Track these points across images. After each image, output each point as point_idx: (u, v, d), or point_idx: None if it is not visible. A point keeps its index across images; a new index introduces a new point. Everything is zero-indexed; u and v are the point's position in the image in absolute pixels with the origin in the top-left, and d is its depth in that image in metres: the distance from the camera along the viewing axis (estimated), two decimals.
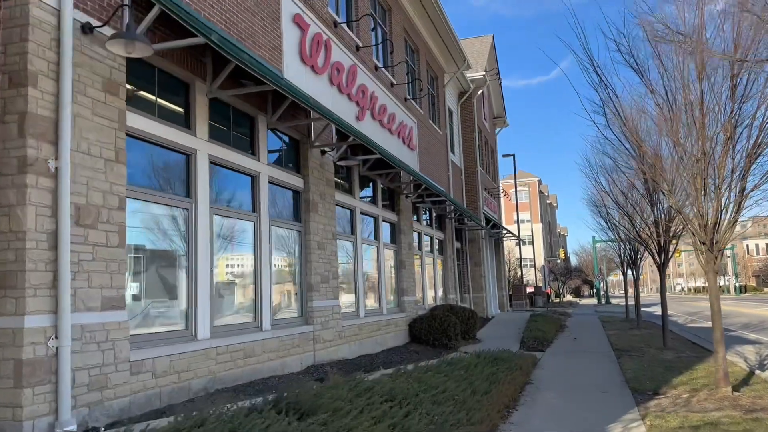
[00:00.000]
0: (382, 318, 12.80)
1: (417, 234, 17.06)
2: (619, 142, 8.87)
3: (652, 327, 20.32)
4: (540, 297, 41.19)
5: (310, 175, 9.79)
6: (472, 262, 24.48)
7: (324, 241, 10.10)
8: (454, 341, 14.27)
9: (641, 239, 13.35)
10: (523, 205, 76.97)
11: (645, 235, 13.51)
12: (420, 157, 16.92)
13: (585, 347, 14.48)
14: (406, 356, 12.22)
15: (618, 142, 8.85)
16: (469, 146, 25.21)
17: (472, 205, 24.82)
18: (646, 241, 13.35)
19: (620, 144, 9.11)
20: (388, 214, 14.25)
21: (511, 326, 19.98)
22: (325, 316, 9.85)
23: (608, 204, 14.02)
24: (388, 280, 14.18)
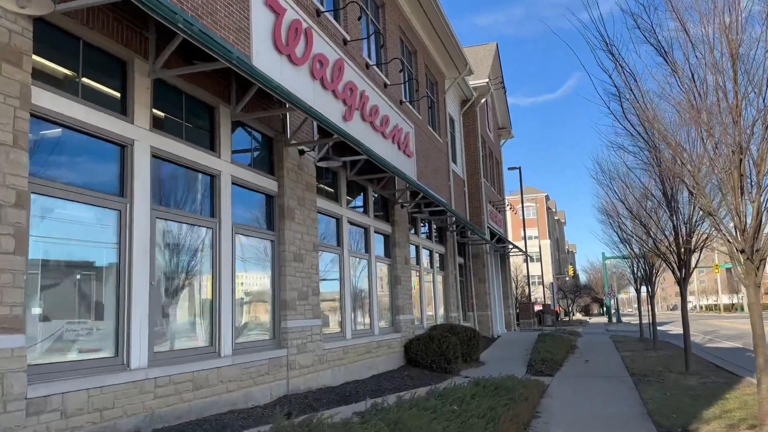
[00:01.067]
0: (373, 339, 11.55)
1: (415, 247, 15.85)
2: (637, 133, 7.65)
3: (669, 348, 18.91)
4: (549, 315, 39.73)
5: (285, 177, 8.65)
6: (476, 279, 23.20)
7: (302, 252, 8.92)
8: (453, 364, 12.99)
9: (659, 252, 12.08)
10: (531, 221, 75.63)
11: (663, 247, 12.25)
12: (418, 165, 15.77)
13: (598, 371, 13.15)
14: (399, 382, 10.95)
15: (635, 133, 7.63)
16: (472, 156, 24.07)
17: (476, 218, 23.60)
18: (664, 254, 12.07)
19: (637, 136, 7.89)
20: (381, 224, 13.07)
21: (518, 347, 18.63)
22: (302, 338, 8.63)
23: (621, 212, 12.79)
24: (381, 298, 12.95)
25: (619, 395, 9.61)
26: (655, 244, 12.13)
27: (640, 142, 8.60)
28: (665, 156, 7.74)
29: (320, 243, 9.96)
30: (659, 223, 12.12)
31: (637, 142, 8.95)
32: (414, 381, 11.32)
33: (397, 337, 12.88)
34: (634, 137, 8.47)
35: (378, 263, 12.76)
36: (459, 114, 23.59)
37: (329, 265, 10.52)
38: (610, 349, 18.73)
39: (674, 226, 11.75)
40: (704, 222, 11.54)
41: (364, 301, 11.95)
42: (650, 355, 16.33)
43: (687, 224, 11.72)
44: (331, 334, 10.16)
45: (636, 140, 8.83)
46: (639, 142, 8.67)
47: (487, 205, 24.92)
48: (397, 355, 12.74)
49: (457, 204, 20.97)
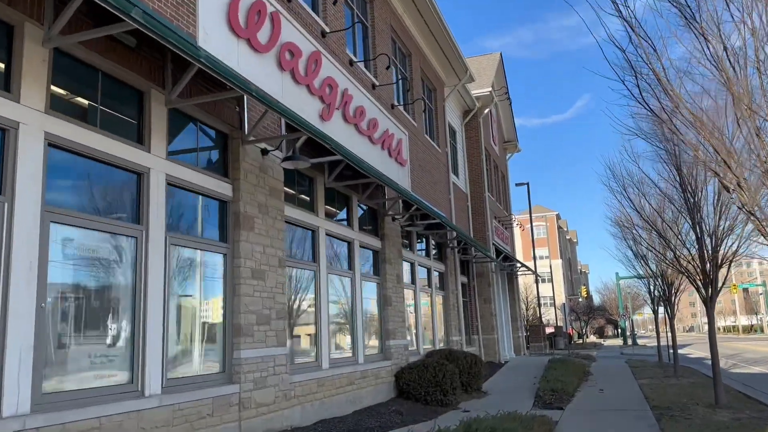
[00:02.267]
0: (357, 368, 10.16)
1: (409, 264, 14.50)
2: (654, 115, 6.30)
3: (692, 374, 17.27)
4: (561, 338, 37.95)
5: (242, 180, 7.39)
6: (480, 299, 21.73)
7: (264, 268, 7.62)
8: (451, 396, 11.53)
9: (681, 267, 10.65)
10: (541, 240, 73.95)
11: (685, 262, 10.82)
12: (412, 175, 14.50)
13: (614, 403, 11.63)
14: (385, 419, 9.53)
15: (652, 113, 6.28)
16: (476, 170, 22.78)
17: (480, 234, 22.22)
18: (687, 270, 10.64)
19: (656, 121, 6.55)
20: (369, 238, 11.75)
21: (526, 374, 17.10)
22: (261, 370, 7.28)
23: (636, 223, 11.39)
24: (367, 321, 11.58)
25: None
26: (677, 259, 10.70)
27: (658, 125, 7.22)
28: (690, 141, 6.37)
29: (290, 258, 8.66)
30: (680, 234, 10.73)
31: (655, 124, 7.58)
32: (403, 418, 9.89)
33: (386, 365, 11.48)
34: (651, 122, 7.12)
35: (364, 282, 11.42)
36: (461, 125, 22.37)
37: (303, 283, 9.21)
38: (626, 376, 17.13)
39: (698, 238, 10.34)
40: (732, 233, 10.14)
41: (346, 326, 10.58)
42: (671, 383, 14.74)
43: (712, 236, 10.32)
44: (303, 364, 8.80)
45: (654, 123, 7.47)
46: (657, 123, 7.30)
47: (492, 221, 23.55)
48: (387, 386, 11.32)
49: (458, 219, 19.64)
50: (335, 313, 10.21)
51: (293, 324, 8.88)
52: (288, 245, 8.76)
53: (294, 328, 8.87)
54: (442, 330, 16.77)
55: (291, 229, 8.92)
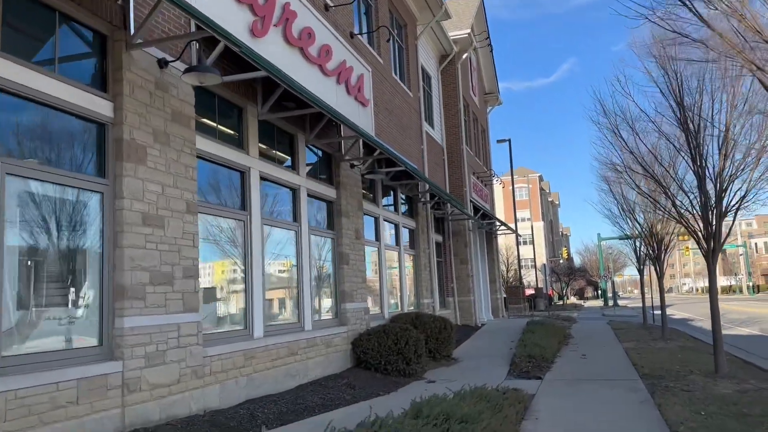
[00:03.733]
0: (302, 336, 8.65)
1: (373, 219, 12.92)
2: None
3: (680, 337, 16.12)
4: (541, 300, 37.05)
5: (127, 96, 5.65)
6: (456, 260, 20.31)
7: (163, 213, 5.96)
8: (414, 365, 10.12)
9: (680, 218, 9.19)
10: (523, 202, 73.00)
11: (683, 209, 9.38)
12: (377, 119, 12.79)
13: (598, 371, 10.32)
14: (333, 394, 8.08)
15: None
16: (453, 121, 21.07)
17: (457, 190, 20.66)
18: (686, 221, 9.19)
19: None
20: (321, 186, 10.11)
21: (503, 338, 15.81)
22: (157, 342, 5.70)
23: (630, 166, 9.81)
24: (319, 281, 10.04)
25: (633, 415, 6.75)
26: (675, 208, 9.23)
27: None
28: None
29: (205, 203, 7.00)
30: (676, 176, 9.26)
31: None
32: (354, 392, 8.44)
33: (341, 331, 9.99)
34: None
35: (314, 236, 9.82)
36: (437, 70, 20.54)
37: (229, 236, 7.57)
38: (610, 339, 15.93)
39: (700, 182, 8.86)
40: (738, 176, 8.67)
41: (288, 287, 9.02)
42: (659, 347, 13.53)
43: (716, 180, 8.84)
44: (227, 333, 7.23)
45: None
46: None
47: (471, 177, 21.99)
48: (341, 356, 9.85)
49: (432, 173, 18.02)
50: (274, 272, 8.63)
51: (215, 285, 7.28)
52: (204, 187, 7.09)
53: (216, 290, 7.28)
54: (412, 292, 15.34)
55: (209, 168, 7.23)
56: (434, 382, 9.79)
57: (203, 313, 6.74)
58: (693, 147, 8.91)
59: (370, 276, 12.36)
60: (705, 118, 8.50)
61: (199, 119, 7.01)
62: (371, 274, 12.53)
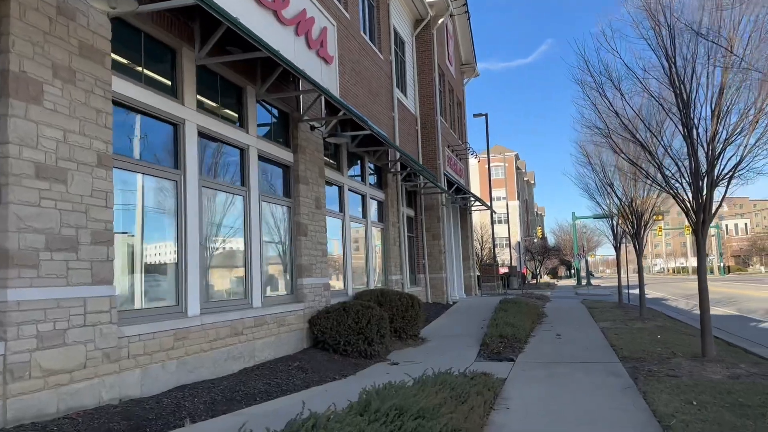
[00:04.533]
0: (248, 314, 7.70)
1: (337, 188, 11.95)
2: None
3: (657, 316, 15.59)
4: (515, 278, 36.64)
5: (13, 19, 4.56)
6: (429, 235, 19.49)
7: (65, 165, 4.92)
8: (377, 345, 9.28)
9: (669, 187, 8.41)
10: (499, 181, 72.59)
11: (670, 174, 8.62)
12: (343, 79, 11.74)
13: (574, 352, 9.61)
14: (280, 380, 7.18)
15: None
16: (428, 90, 20.06)
17: (430, 162, 19.75)
18: (675, 190, 8.42)
19: None
20: (275, 149, 9.08)
21: (475, 316, 15.09)
22: (53, 319, 4.70)
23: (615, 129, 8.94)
24: (271, 253, 9.08)
25: (615, 405, 5.98)
26: (663, 176, 8.44)
27: None
28: None
29: (123, 157, 5.94)
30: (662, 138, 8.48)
31: None
32: (306, 376, 7.56)
33: (297, 309, 9.07)
34: None
35: (266, 204, 8.82)
36: (411, 36, 19.44)
37: (158, 198, 6.54)
38: (585, 318, 15.33)
39: (690, 148, 8.07)
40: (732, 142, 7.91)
41: (234, 258, 8.03)
42: (637, 326, 12.92)
43: (709, 146, 8.07)
44: (153, 310, 6.24)
45: None
46: None
47: (445, 150, 21.07)
48: (296, 335, 8.95)
49: (405, 143, 17.06)
50: (216, 241, 7.63)
51: (139, 254, 6.27)
52: (125, 139, 6.03)
53: (141, 260, 6.26)
54: (380, 268, 14.47)
55: (132, 118, 6.15)
56: (398, 364, 8.97)
57: (120, 286, 5.75)
58: (683, 108, 8.10)
59: (332, 250, 11.43)
60: (698, 75, 7.68)
61: (119, 59, 5.92)
62: (334, 247, 11.60)
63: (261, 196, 8.52)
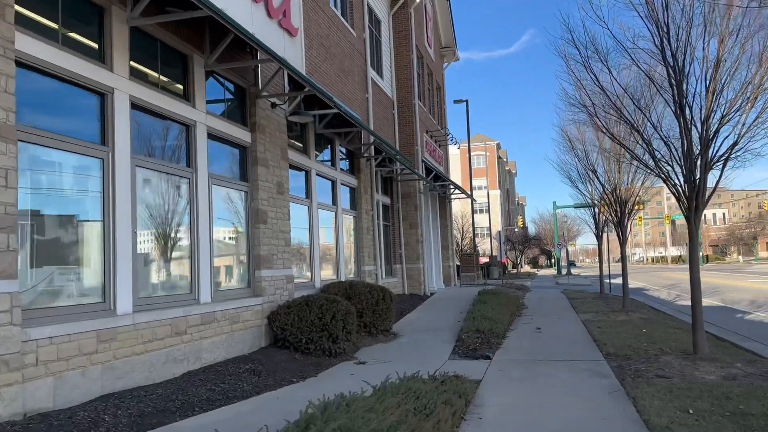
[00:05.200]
0: (194, 311, 6.86)
1: (304, 173, 11.11)
2: None
3: (640, 308, 15.04)
4: (496, 268, 36.12)
5: None
6: (405, 224, 18.73)
7: None
8: (343, 342, 8.52)
9: (660, 171, 7.72)
10: (481, 170, 72.14)
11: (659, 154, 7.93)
12: (309, 54, 10.86)
13: (555, 349, 8.93)
14: (231, 385, 6.38)
15: None
16: (405, 72, 19.21)
17: (408, 148, 18.94)
18: (666, 173, 7.74)
19: None
20: (227, 126, 8.21)
21: (452, 308, 14.40)
22: None
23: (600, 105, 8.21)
24: (225, 242, 8.24)
25: (603, 413, 5.28)
26: (652, 155, 7.74)
27: None
28: None
29: (37, 129, 5.05)
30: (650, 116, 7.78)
31: None
32: (259, 380, 6.76)
33: (254, 304, 8.25)
34: None
35: (219, 187, 7.95)
36: (388, 15, 18.55)
37: (77, 177, 5.65)
38: (566, 310, 14.72)
39: (683, 126, 7.38)
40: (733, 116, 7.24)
41: (177, 248, 7.17)
42: (621, 319, 12.32)
43: (704, 124, 7.39)
44: (72, 308, 5.37)
45: None
46: None
47: (423, 135, 20.28)
48: (253, 333, 8.14)
49: (380, 127, 16.23)
50: (155, 229, 6.76)
51: (57, 242, 5.39)
52: (36, 108, 5.13)
53: (57, 250, 5.39)
54: (352, 258, 13.68)
55: (47, 84, 5.25)
56: (365, 363, 8.22)
57: (29, 281, 4.89)
58: (676, 84, 7.40)
59: (297, 239, 10.61)
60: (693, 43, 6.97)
61: (29, 13, 5.01)
62: (299, 236, 10.78)
63: (211, 179, 7.66)
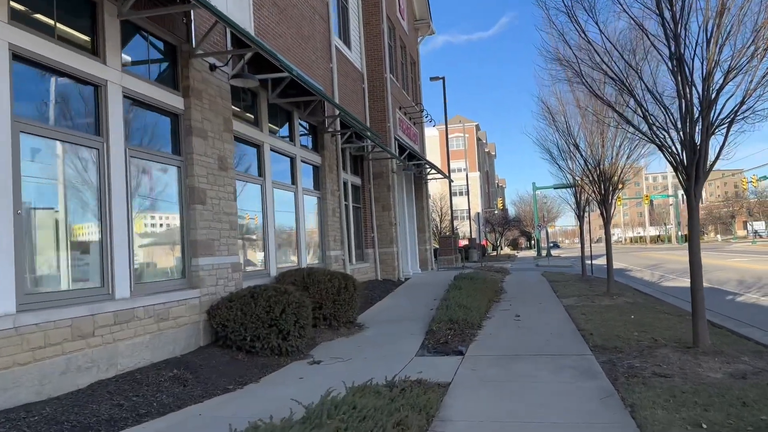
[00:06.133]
0: (106, 308, 5.70)
1: (255, 148, 9.91)
2: None
3: (625, 290, 14.17)
4: (475, 250, 35.25)
5: None
6: (378, 206, 17.62)
7: None
8: (296, 339, 7.43)
9: (654, 136, 6.68)
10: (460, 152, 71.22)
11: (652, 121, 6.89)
12: (260, 14, 9.61)
13: (537, 341, 7.92)
14: (147, 397, 5.29)
15: None
16: (375, 43, 17.96)
17: (379, 125, 17.77)
18: (662, 140, 6.72)
19: None
20: (153, 89, 6.97)
21: (427, 295, 13.39)
22: None
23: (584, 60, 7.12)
24: (149, 226, 7.05)
25: (594, 428, 4.27)
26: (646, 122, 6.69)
27: None
28: None
29: None
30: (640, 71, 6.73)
31: None
32: (185, 389, 5.64)
33: (190, 297, 7.10)
34: None
35: (139, 160, 6.73)
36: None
37: None
38: (547, 295, 13.80)
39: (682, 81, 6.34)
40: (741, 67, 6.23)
41: (83, 232, 5.96)
42: (606, 304, 11.42)
43: (705, 82, 6.36)
44: None
45: None
46: None
47: (397, 112, 19.11)
48: (189, 331, 7.00)
49: (348, 102, 15.01)
50: (50, 209, 5.55)
51: None
52: None
53: None
54: (315, 243, 12.55)
55: None
56: (320, 362, 7.16)
57: None
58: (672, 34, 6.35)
59: (249, 222, 9.44)
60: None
61: None
62: (253, 218, 9.61)
63: (130, 151, 6.44)
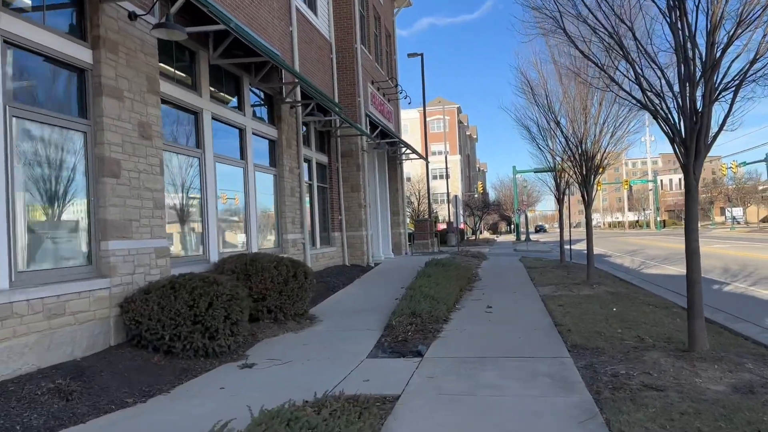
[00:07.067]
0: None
1: (192, 116, 8.68)
2: None
3: (607, 278, 13.29)
4: (453, 234, 34.29)
5: None
6: (346, 186, 16.49)
7: None
8: (225, 338, 6.34)
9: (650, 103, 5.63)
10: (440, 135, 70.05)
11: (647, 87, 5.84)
12: None
13: (508, 340, 6.90)
14: (14, 418, 4.11)
15: None
16: (345, 9, 16.67)
17: (349, 99, 16.57)
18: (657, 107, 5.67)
19: None
20: (49, 38, 5.72)
21: (394, 282, 12.36)
22: None
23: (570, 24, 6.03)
24: (44, 202, 5.85)
25: None
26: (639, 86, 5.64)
27: None
28: None
29: None
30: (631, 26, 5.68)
31: None
32: (66, 405, 4.53)
33: (96, 288, 5.94)
34: None
35: (25, 121, 5.49)
36: None
37: None
38: (523, 282, 12.84)
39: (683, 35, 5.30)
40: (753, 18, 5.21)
41: None
42: (585, 293, 10.48)
43: (709, 36, 5.31)
44: None
45: None
46: None
47: (369, 87, 17.90)
48: (94, 328, 5.85)
49: (313, 72, 13.77)
50: None
51: None
52: None
53: None
54: (270, 225, 11.40)
55: None
56: (253, 366, 6.07)
57: None
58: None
59: (181, 200, 8.26)
60: None
61: None
62: (185, 197, 8.42)
63: (12, 110, 5.22)
